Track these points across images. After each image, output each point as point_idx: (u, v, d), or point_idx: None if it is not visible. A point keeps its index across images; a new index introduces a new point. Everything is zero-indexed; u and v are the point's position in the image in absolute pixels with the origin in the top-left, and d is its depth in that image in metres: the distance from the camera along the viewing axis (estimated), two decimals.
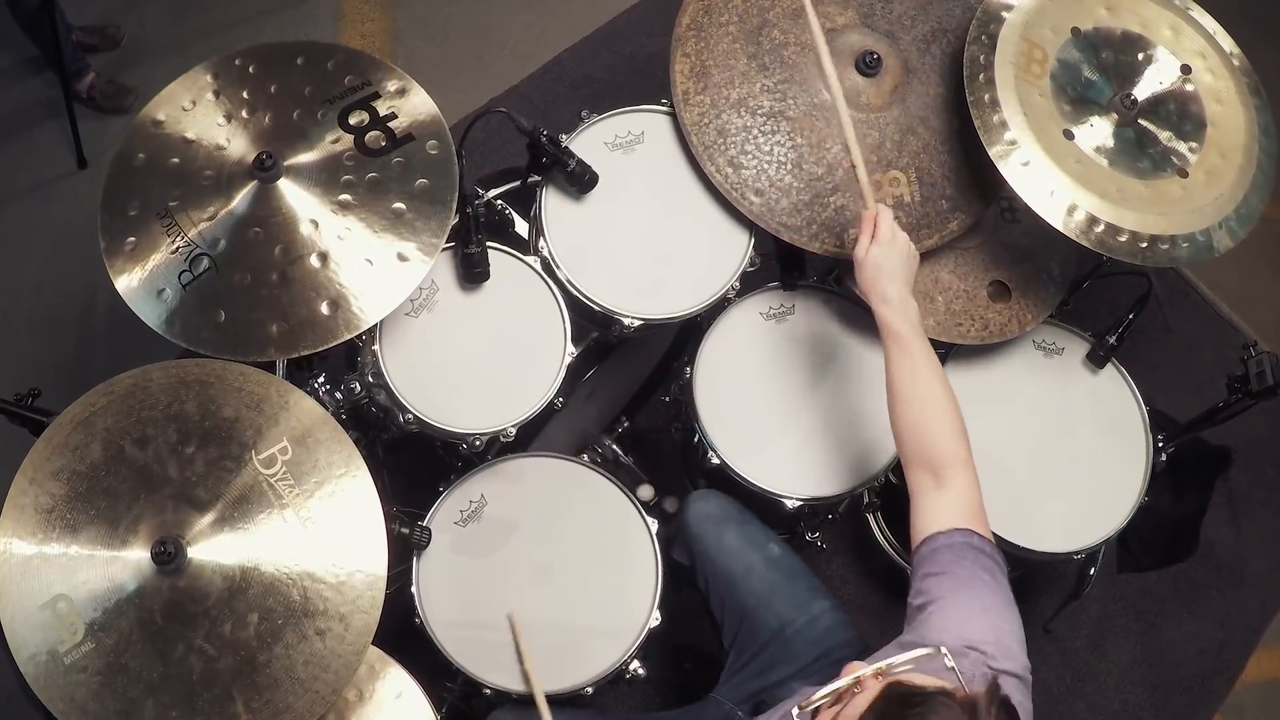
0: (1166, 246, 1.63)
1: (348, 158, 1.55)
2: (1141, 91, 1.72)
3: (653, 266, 1.77)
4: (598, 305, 1.73)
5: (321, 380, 1.66)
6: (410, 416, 1.63)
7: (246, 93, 1.59)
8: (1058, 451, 1.84)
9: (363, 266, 1.49)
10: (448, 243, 1.64)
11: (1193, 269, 2.73)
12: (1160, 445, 1.84)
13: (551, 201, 1.77)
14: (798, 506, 1.73)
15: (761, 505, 1.74)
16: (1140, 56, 1.74)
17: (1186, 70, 1.74)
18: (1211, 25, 1.80)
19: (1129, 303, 1.89)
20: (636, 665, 1.65)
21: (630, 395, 2.26)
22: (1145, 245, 1.63)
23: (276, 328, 1.46)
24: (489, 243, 1.70)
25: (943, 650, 1.09)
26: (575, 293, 1.72)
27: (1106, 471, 1.83)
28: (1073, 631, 2.34)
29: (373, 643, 1.32)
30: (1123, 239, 1.62)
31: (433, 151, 1.57)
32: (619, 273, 1.75)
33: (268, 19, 2.90)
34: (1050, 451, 1.84)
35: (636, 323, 1.73)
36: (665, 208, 1.79)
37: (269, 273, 1.48)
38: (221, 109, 1.58)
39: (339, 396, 1.66)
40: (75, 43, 2.69)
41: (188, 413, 1.38)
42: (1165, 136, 1.71)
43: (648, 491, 2.12)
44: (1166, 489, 2.30)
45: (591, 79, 2.77)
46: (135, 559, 1.31)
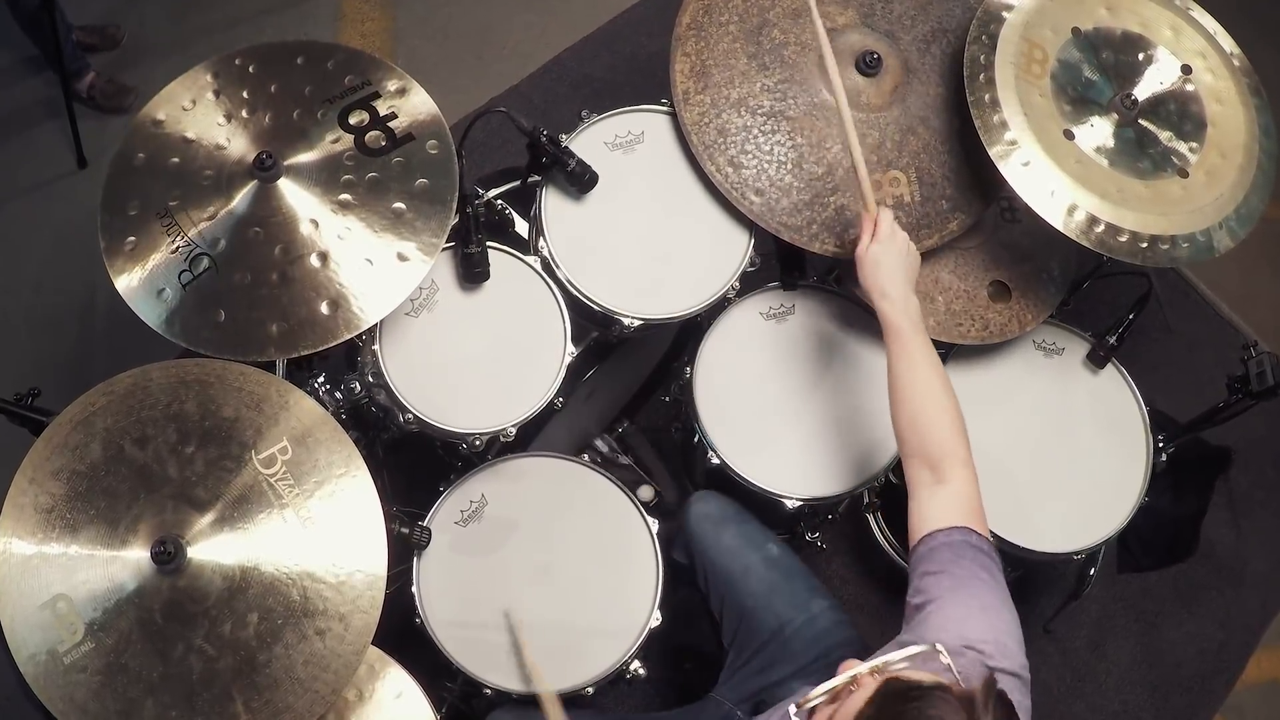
0: (1167, 247, 1.63)
1: (348, 157, 1.55)
2: (1142, 91, 1.72)
3: (653, 266, 1.77)
4: (598, 305, 1.72)
5: (321, 380, 1.66)
6: (410, 416, 1.63)
7: (246, 92, 1.59)
8: (1058, 452, 1.84)
9: (363, 266, 1.49)
10: (448, 243, 1.64)
11: (1193, 269, 2.73)
12: (1160, 445, 1.84)
13: (551, 201, 1.77)
14: (798, 506, 1.73)
15: (761, 505, 1.74)
16: (1141, 56, 1.74)
17: (1187, 70, 1.74)
18: (1212, 25, 1.80)
19: (1129, 303, 1.89)
20: (637, 665, 1.65)
21: (630, 395, 2.26)
22: (1145, 245, 1.63)
23: (276, 327, 1.46)
24: (489, 242, 1.70)
25: (938, 647, 1.09)
26: (575, 292, 1.72)
27: (1106, 472, 1.83)
28: (1073, 632, 2.33)
29: (373, 643, 1.32)
30: (1123, 239, 1.62)
31: (433, 151, 1.57)
32: (619, 272, 1.75)
33: (268, 18, 2.90)
34: (1050, 452, 1.84)
35: (636, 323, 1.73)
36: (665, 207, 1.78)
37: (269, 272, 1.48)
38: (221, 108, 1.58)
39: (339, 396, 1.66)
40: (75, 42, 2.68)
41: (187, 412, 1.38)
42: (1165, 136, 1.71)
43: (648, 491, 2.12)
44: (1166, 489, 2.30)
45: (592, 79, 2.77)
46: (135, 559, 1.30)
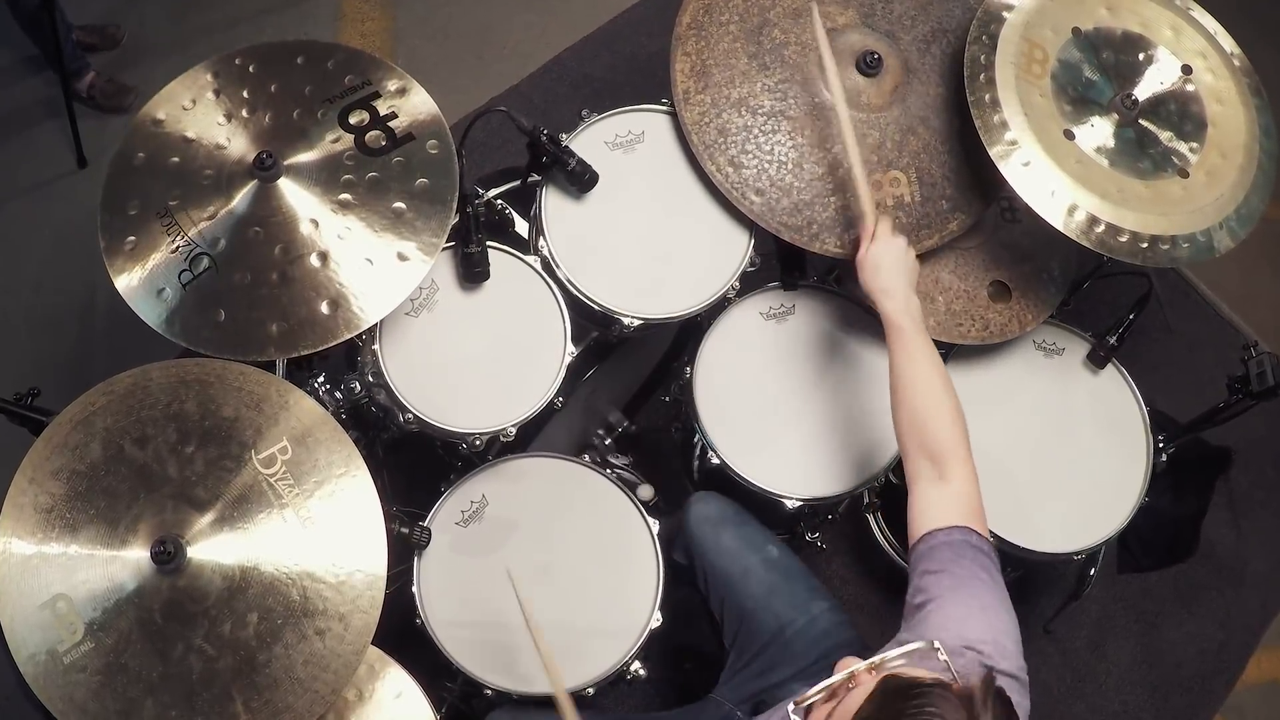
0: (1167, 247, 1.63)
1: (348, 157, 1.55)
2: (1142, 92, 1.71)
3: (653, 266, 1.77)
4: (598, 305, 1.72)
5: (321, 380, 1.66)
6: (410, 416, 1.63)
7: (247, 92, 1.59)
8: (1058, 452, 1.84)
9: (363, 266, 1.49)
10: (448, 242, 1.64)
11: (1193, 269, 2.73)
12: (1160, 446, 1.84)
13: (551, 201, 1.77)
14: (798, 507, 1.73)
15: (761, 505, 1.74)
16: (1141, 56, 1.74)
17: (1187, 70, 1.74)
18: (1212, 25, 1.80)
19: (1129, 303, 1.89)
20: (637, 666, 1.65)
21: (630, 395, 2.26)
22: (1146, 245, 1.63)
23: (276, 327, 1.46)
24: (489, 242, 1.70)
25: (935, 645, 1.09)
26: (575, 292, 1.72)
27: (1107, 472, 1.82)
28: (1073, 632, 2.33)
29: (373, 643, 1.32)
30: (1123, 239, 1.62)
31: (433, 151, 1.57)
32: (619, 272, 1.75)
33: (268, 18, 2.90)
34: (1050, 452, 1.84)
35: (636, 322, 1.73)
36: (665, 207, 1.78)
37: (269, 272, 1.48)
38: (221, 108, 1.58)
39: (339, 396, 1.66)
40: (75, 42, 2.68)
41: (187, 412, 1.38)
42: (1166, 137, 1.71)
43: (647, 491, 2.11)
44: (1167, 489, 2.30)
45: (592, 78, 2.77)
46: (135, 558, 1.30)
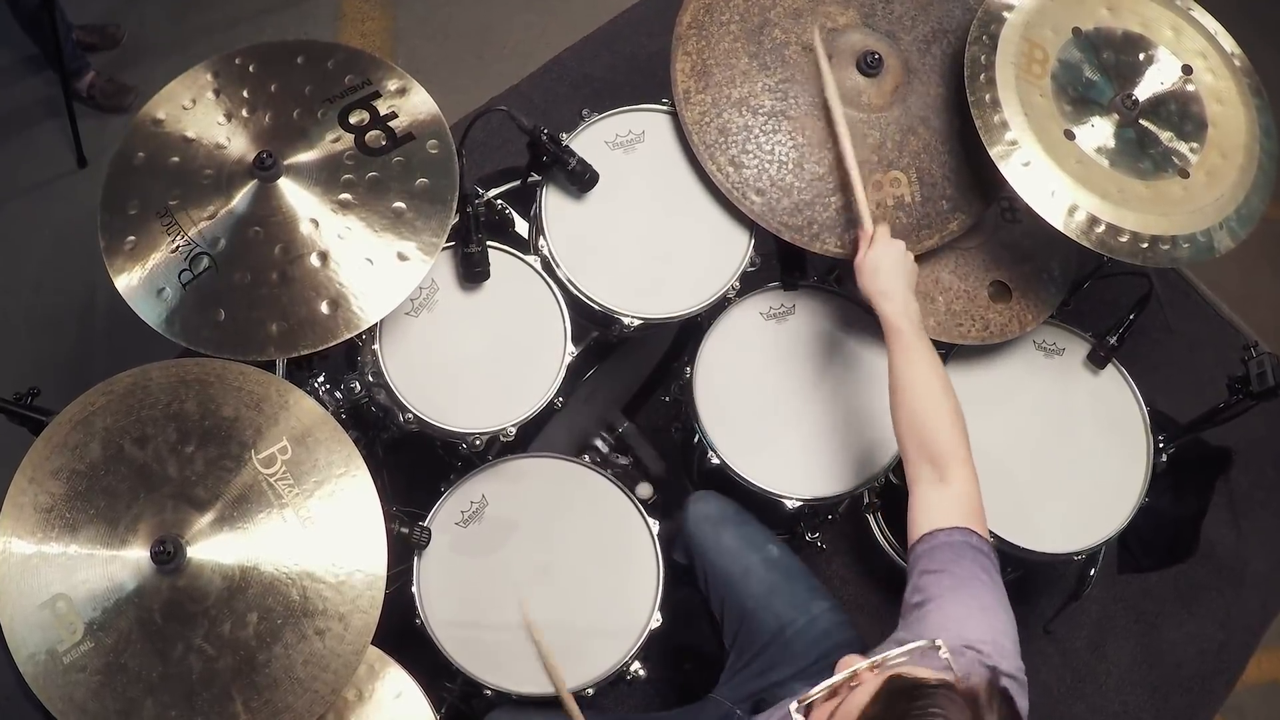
0: (1167, 247, 1.63)
1: (348, 157, 1.55)
2: (1142, 92, 1.71)
3: (653, 266, 1.77)
4: (598, 304, 1.72)
5: (321, 380, 1.66)
6: (410, 416, 1.63)
7: (247, 91, 1.59)
8: (1058, 452, 1.84)
9: (363, 266, 1.49)
10: (448, 242, 1.64)
11: (1193, 269, 2.73)
12: (1161, 446, 1.84)
13: (552, 200, 1.77)
14: (798, 507, 1.73)
15: (761, 505, 1.74)
16: (1141, 57, 1.74)
17: (1188, 70, 1.74)
18: (1213, 25, 1.80)
19: (1130, 303, 1.89)
20: (637, 666, 1.65)
21: (630, 395, 2.26)
22: (1146, 246, 1.62)
23: (276, 327, 1.46)
24: (489, 242, 1.70)
25: (938, 643, 1.08)
26: (575, 292, 1.72)
27: (1107, 472, 1.82)
28: (1073, 632, 2.33)
29: (372, 643, 1.32)
30: (1123, 239, 1.62)
31: (433, 151, 1.57)
32: (619, 272, 1.75)
33: (268, 18, 2.90)
34: (1051, 452, 1.84)
35: (636, 322, 1.73)
36: (666, 207, 1.78)
37: (269, 272, 1.48)
38: (221, 108, 1.58)
39: (339, 396, 1.66)
40: (75, 41, 2.68)
41: (187, 412, 1.38)
42: (1166, 137, 1.71)
43: (646, 489, 2.12)
44: (1167, 490, 2.30)
45: (592, 78, 2.77)
46: (134, 558, 1.30)
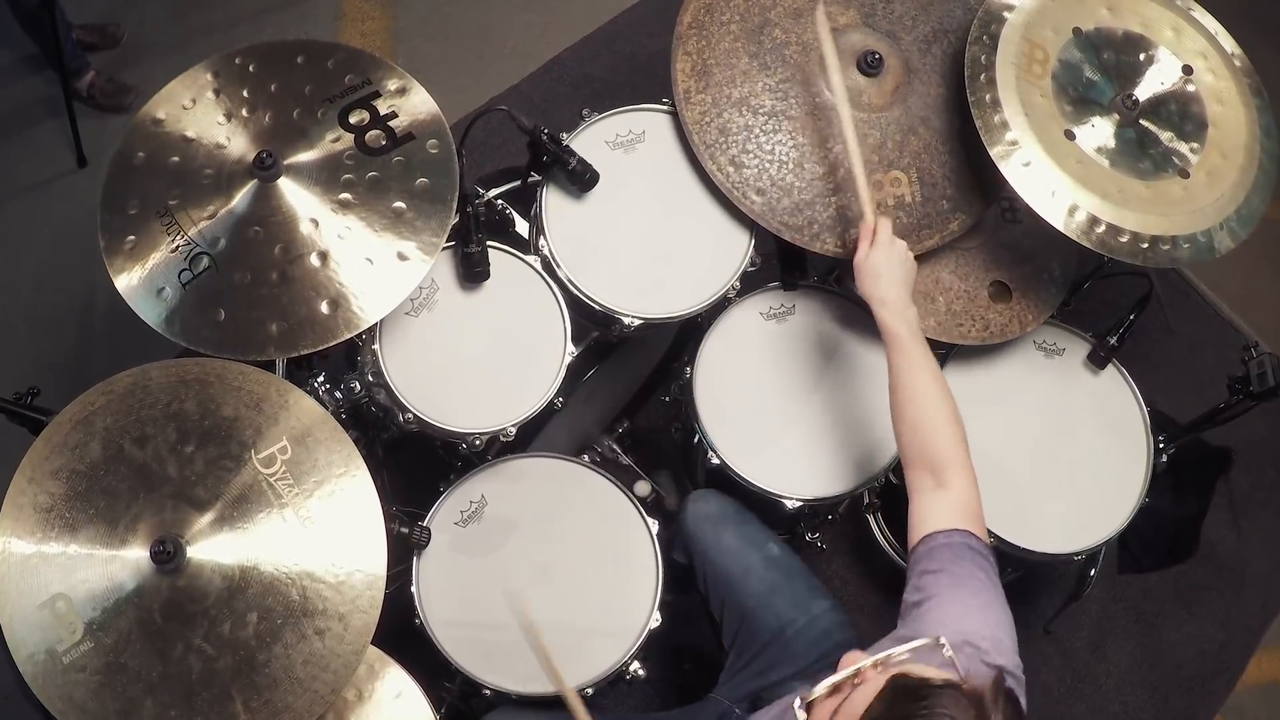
0: (1168, 247, 1.63)
1: (348, 156, 1.55)
2: (1143, 92, 1.71)
3: (653, 266, 1.76)
4: (598, 304, 1.72)
5: (321, 380, 1.66)
6: (410, 416, 1.63)
7: (247, 91, 1.59)
8: (1058, 452, 1.84)
9: (363, 265, 1.49)
10: (448, 242, 1.64)
11: (1194, 270, 2.73)
12: (1161, 446, 1.84)
13: (552, 200, 1.77)
14: (798, 507, 1.73)
15: (761, 505, 1.74)
16: (1142, 57, 1.74)
17: (1188, 71, 1.74)
18: (1213, 26, 1.80)
19: (1130, 303, 1.89)
20: (637, 666, 1.65)
21: (630, 395, 2.26)
22: (1146, 246, 1.62)
23: (276, 327, 1.46)
24: (489, 242, 1.70)
25: (941, 640, 1.08)
26: (575, 292, 1.72)
27: (1107, 472, 1.82)
28: (1073, 633, 2.33)
29: (372, 642, 1.32)
30: (1124, 240, 1.62)
31: (433, 150, 1.57)
32: (619, 272, 1.75)
33: (268, 17, 2.90)
34: (1051, 452, 1.84)
35: (636, 322, 1.73)
36: (666, 207, 1.78)
37: (269, 272, 1.47)
38: (221, 107, 1.58)
39: (339, 396, 1.66)
40: (75, 41, 2.68)
41: (187, 412, 1.38)
42: (1166, 137, 1.71)
43: (644, 487, 2.11)
44: (1167, 490, 2.30)
45: (592, 78, 2.77)
46: (134, 558, 1.30)
